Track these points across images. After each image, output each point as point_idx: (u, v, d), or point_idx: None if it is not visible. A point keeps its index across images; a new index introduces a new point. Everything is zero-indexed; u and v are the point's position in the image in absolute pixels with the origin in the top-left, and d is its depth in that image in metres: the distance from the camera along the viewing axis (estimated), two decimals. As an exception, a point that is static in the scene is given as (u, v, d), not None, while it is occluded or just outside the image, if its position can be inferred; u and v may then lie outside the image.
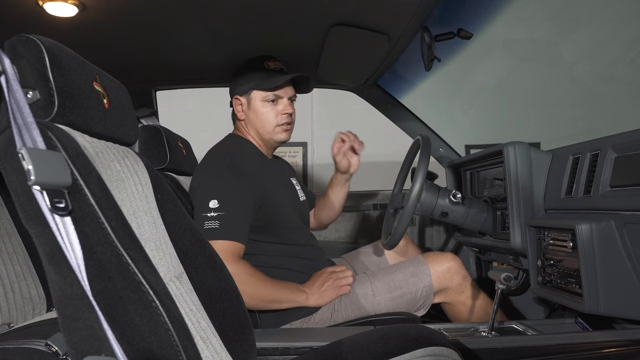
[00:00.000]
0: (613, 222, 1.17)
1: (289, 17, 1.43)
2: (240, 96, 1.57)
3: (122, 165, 0.76)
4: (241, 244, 1.36)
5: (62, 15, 1.28)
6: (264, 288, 1.35)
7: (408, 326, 1.01)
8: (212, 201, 1.35)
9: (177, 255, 0.84)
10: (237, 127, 1.64)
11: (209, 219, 1.33)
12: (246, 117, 1.57)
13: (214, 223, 1.33)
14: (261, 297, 1.35)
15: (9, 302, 1.20)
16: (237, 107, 1.59)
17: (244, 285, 1.27)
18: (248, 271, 1.33)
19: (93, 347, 0.55)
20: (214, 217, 1.33)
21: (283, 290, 1.40)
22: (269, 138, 1.57)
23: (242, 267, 1.33)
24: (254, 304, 1.35)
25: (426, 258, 1.57)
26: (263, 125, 1.56)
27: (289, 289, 1.42)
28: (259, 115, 1.55)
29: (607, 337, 1.16)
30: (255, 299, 1.34)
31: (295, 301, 1.41)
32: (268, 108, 1.54)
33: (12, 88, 0.57)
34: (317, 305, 1.44)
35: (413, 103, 2.25)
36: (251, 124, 1.57)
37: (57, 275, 0.56)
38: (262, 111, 1.55)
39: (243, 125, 1.60)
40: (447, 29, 1.64)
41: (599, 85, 3.87)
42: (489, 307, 1.55)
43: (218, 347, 0.82)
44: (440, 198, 1.59)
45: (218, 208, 1.34)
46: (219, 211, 1.34)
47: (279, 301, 1.39)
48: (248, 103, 1.56)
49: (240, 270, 1.30)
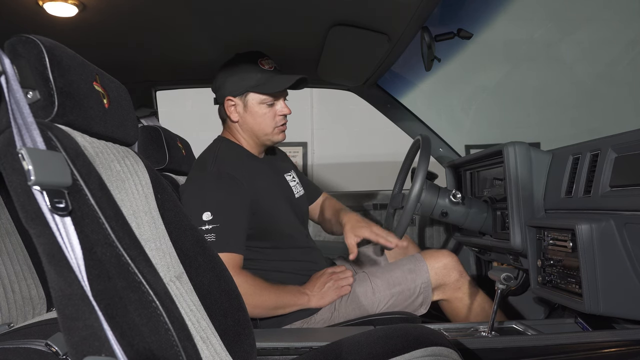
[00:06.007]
0: (613, 222, 1.17)
1: (288, 17, 1.43)
2: (234, 97, 1.48)
3: (122, 165, 0.76)
4: (239, 254, 1.35)
5: (62, 15, 1.28)
6: (267, 296, 1.35)
7: (408, 326, 1.01)
8: (205, 213, 1.33)
9: (177, 255, 0.84)
10: (228, 128, 1.57)
11: (204, 232, 1.31)
12: (241, 119, 1.51)
13: (210, 236, 1.31)
14: (265, 305, 1.35)
15: (9, 302, 1.20)
16: (229, 109, 1.50)
17: (247, 296, 1.24)
18: (250, 281, 1.33)
19: (93, 347, 0.55)
20: (209, 229, 1.31)
21: (285, 295, 1.40)
22: (266, 139, 1.53)
23: (244, 277, 1.32)
24: (257, 312, 1.34)
25: (423, 255, 1.57)
26: (261, 128, 1.50)
27: (290, 293, 1.41)
28: (257, 118, 1.49)
29: (607, 337, 1.16)
30: (258, 308, 1.33)
31: (298, 304, 1.41)
32: (266, 110, 1.49)
33: (12, 88, 0.57)
34: (318, 306, 1.44)
35: (413, 103, 2.25)
36: (247, 126, 1.51)
37: (57, 275, 0.56)
38: (260, 113, 1.49)
39: (236, 128, 1.54)
40: (447, 29, 1.64)
41: (599, 85, 3.87)
42: (487, 305, 1.55)
43: (218, 347, 0.82)
44: (440, 198, 1.59)
45: (212, 220, 1.32)
46: (213, 223, 1.32)
47: (282, 307, 1.39)
48: (244, 105, 1.49)
49: (241, 281, 1.29)
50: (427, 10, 1.38)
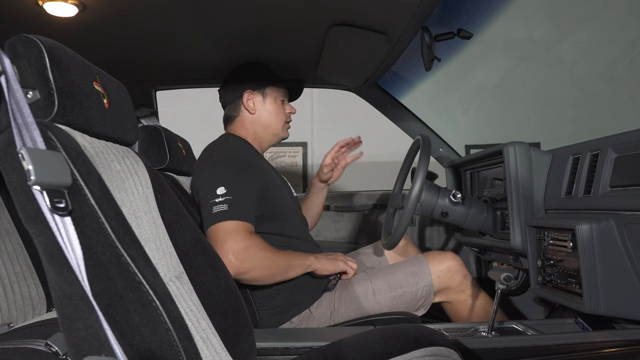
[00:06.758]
0: (613, 222, 1.17)
1: (289, 17, 1.42)
2: (254, 91, 1.62)
3: (122, 165, 0.76)
4: (250, 224, 1.36)
5: (62, 15, 1.28)
6: (279, 257, 1.37)
7: (408, 326, 1.01)
8: (219, 188, 1.37)
9: (177, 255, 0.84)
10: (236, 125, 1.65)
11: (217, 203, 1.35)
12: (257, 112, 1.63)
13: (223, 206, 1.34)
14: (278, 265, 1.37)
15: (9, 302, 1.20)
16: (248, 102, 1.62)
17: (260, 258, 1.32)
18: (261, 244, 1.35)
19: (93, 347, 0.55)
20: (222, 201, 1.35)
21: (293, 255, 1.42)
22: (275, 134, 1.65)
23: (256, 240, 1.34)
24: (274, 273, 1.37)
25: (426, 257, 1.57)
26: (274, 121, 1.64)
27: (297, 254, 1.44)
28: (272, 112, 1.63)
29: (607, 337, 1.16)
30: (273, 268, 1.36)
31: (305, 264, 1.43)
32: (279, 106, 1.65)
33: (12, 88, 0.57)
34: (324, 270, 1.45)
35: (413, 103, 2.25)
36: (260, 119, 1.63)
37: (57, 275, 0.56)
38: (275, 107, 1.64)
39: (247, 123, 1.63)
40: (447, 29, 1.64)
41: (599, 85, 3.86)
42: (490, 306, 1.55)
43: (218, 347, 0.82)
44: (440, 198, 1.59)
45: (226, 193, 1.36)
46: (227, 196, 1.36)
47: (293, 267, 1.40)
48: (263, 98, 1.63)
49: (254, 244, 1.32)
50: (427, 10, 1.38)
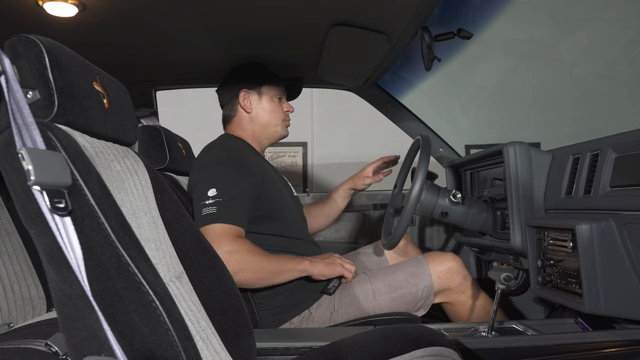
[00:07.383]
0: (613, 222, 1.17)
1: (289, 17, 1.42)
2: (250, 90, 1.62)
3: (122, 165, 0.76)
4: (239, 227, 1.34)
5: (62, 15, 1.28)
6: (267, 262, 1.33)
7: (408, 326, 1.01)
8: (210, 190, 1.36)
9: (177, 255, 0.84)
10: (234, 125, 1.65)
11: (207, 205, 1.34)
12: (254, 111, 1.62)
13: (212, 209, 1.33)
14: (266, 269, 1.32)
15: (9, 302, 1.20)
16: (244, 101, 1.61)
17: (246, 262, 1.28)
18: (249, 248, 1.31)
19: (93, 347, 0.55)
20: (212, 203, 1.34)
21: (287, 260, 1.38)
22: (274, 132, 1.65)
23: (243, 244, 1.30)
24: (259, 278, 1.32)
25: (427, 258, 1.57)
26: (272, 119, 1.63)
27: (291, 258, 1.40)
28: (269, 110, 1.63)
29: (607, 337, 1.16)
30: (260, 273, 1.31)
31: (299, 269, 1.38)
32: (276, 104, 1.64)
33: (12, 88, 0.57)
34: (320, 274, 1.41)
35: (413, 103, 2.24)
36: (258, 118, 1.62)
37: (57, 275, 0.56)
38: (272, 105, 1.63)
39: (245, 122, 1.63)
40: (447, 29, 1.64)
41: (599, 85, 3.86)
42: (490, 307, 1.55)
43: (218, 347, 0.82)
44: (440, 198, 1.58)
45: (216, 195, 1.35)
46: (217, 198, 1.35)
47: (283, 272, 1.36)
48: (259, 96, 1.62)
49: (240, 248, 1.29)
50: (427, 10, 1.38)
